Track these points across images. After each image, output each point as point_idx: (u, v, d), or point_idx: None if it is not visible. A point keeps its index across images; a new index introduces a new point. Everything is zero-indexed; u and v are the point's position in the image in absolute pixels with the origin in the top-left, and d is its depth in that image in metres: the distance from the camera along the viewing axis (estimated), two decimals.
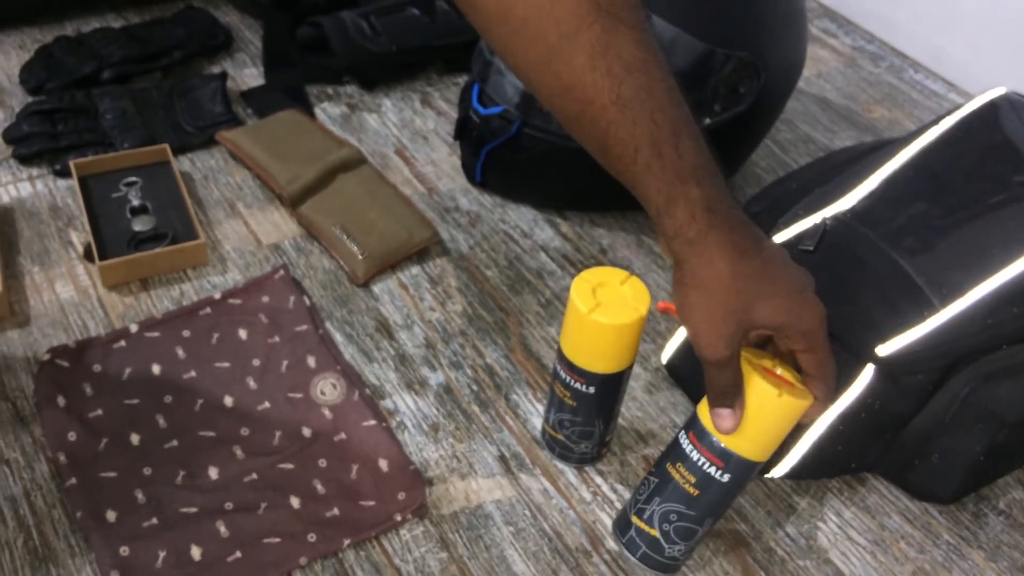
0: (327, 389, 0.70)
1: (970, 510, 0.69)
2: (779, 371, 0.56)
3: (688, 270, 0.52)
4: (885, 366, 0.64)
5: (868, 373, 0.64)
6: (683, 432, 0.57)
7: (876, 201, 0.71)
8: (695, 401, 0.73)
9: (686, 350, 0.74)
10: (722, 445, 0.55)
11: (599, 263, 0.85)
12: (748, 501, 0.68)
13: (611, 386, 0.63)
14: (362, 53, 0.98)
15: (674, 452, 0.57)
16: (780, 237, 0.71)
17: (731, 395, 0.54)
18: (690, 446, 0.56)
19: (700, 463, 0.56)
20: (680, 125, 0.52)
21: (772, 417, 0.54)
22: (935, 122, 0.75)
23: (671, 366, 0.75)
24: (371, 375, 0.73)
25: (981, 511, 0.69)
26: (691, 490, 0.57)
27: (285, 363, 0.71)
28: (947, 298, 0.64)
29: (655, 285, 0.84)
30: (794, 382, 0.55)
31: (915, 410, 0.65)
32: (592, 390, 0.63)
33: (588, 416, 0.65)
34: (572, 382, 0.63)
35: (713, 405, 0.55)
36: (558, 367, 0.64)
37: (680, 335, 0.75)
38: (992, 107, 0.75)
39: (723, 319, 0.52)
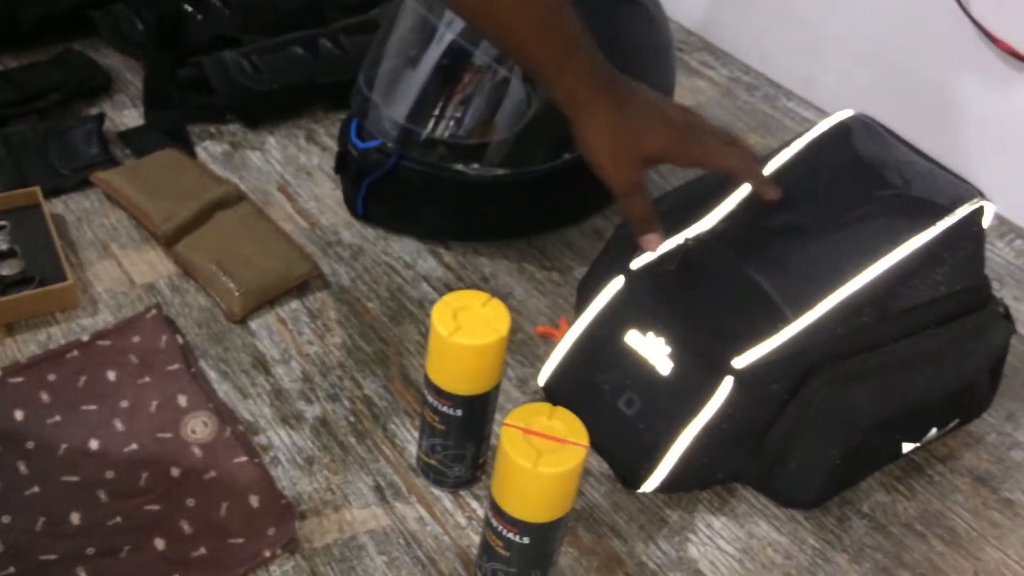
0: (198, 427, 0.69)
1: (835, 514, 0.71)
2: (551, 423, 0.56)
3: (582, 125, 0.66)
4: (742, 378, 0.66)
5: (727, 385, 0.67)
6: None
7: (735, 221, 0.73)
8: None
9: (562, 371, 0.75)
10: (518, 518, 0.57)
11: (481, 291, 0.86)
12: (622, 517, 0.69)
13: (478, 407, 0.64)
14: (243, 91, 0.98)
15: (487, 523, 0.60)
16: (646, 257, 0.73)
17: (649, 219, 0.67)
18: (494, 520, 0.58)
19: (502, 531, 0.58)
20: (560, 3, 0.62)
21: (539, 487, 0.55)
22: (786, 144, 0.78)
23: (548, 388, 0.76)
24: (245, 411, 0.72)
25: (845, 515, 0.71)
26: (504, 552, 0.59)
27: (155, 403, 0.70)
28: (799, 310, 0.67)
29: (535, 310, 0.85)
30: (562, 436, 0.55)
31: (773, 419, 0.67)
32: (460, 412, 0.64)
33: (458, 439, 0.66)
34: (440, 406, 0.64)
35: (638, 234, 0.68)
36: (426, 392, 0.64)
37: (556, 357, 0.76)
38: (843, 127, 0.79)
39: (618, 157, 0.65)
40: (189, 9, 1.07)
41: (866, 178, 0.74)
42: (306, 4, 1.11)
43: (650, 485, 0.69)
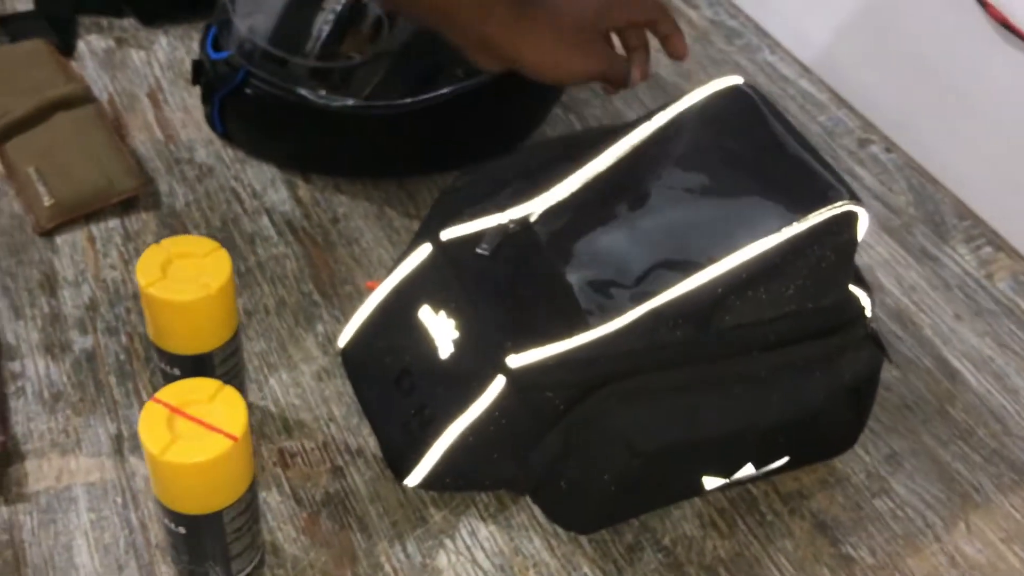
0: None
1: (627, 541, 0.62)
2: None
3: (525, 53, 0.66)
4: (514, 378, 0.57)
5: (497, 385, 0.57)
6: None
7: (564, 206, 0.63)
8: (360, 400, 0.66)
9: (359, 338, 0.67)
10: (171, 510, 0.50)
11: (326, 233, 0.79)
12: (376, 509, 0.62)
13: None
14: None
15: None
16: (461, 229, 0.63)
17: (625, 70, 0.71)
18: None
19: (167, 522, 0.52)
20: None
21: (168, 476, 0.48)
22: (657, 110, 0.66)
23: (345, 353, 0.68)
24: (10, 333, 0.67)
25: (640, 544, 0.62)
26: (172, 538, 0.53)
27: None
28: (604, 316, 0.57)
29: (378, 262, 0.77)
30: (214, 422, 0.48)
31: (545, 431, 0.58)
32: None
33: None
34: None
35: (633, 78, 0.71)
36: None
37: (356, 320, 0.67)
38: (719, 99, 0.66)
39: (567, 53, 0.67)
40: None
41: (724, 164, 0.62)
42: None
43: (413, 479, 0.61)
